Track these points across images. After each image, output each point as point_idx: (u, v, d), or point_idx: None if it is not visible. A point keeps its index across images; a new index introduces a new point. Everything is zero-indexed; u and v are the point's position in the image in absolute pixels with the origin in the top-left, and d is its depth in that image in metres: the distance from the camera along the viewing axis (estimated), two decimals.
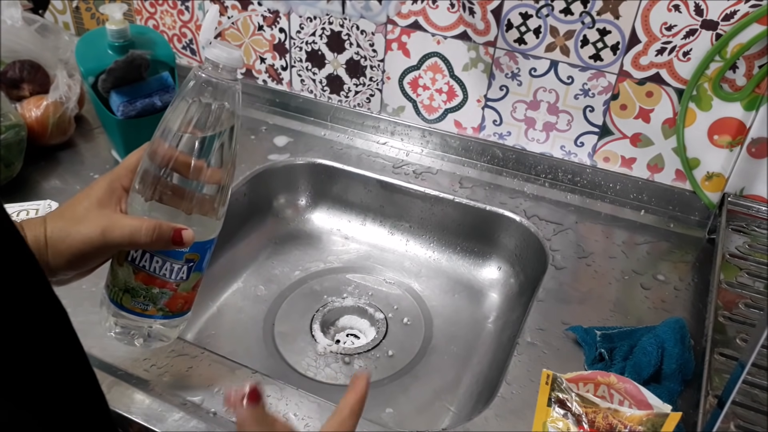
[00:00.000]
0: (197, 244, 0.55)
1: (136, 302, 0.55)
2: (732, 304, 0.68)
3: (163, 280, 0.55)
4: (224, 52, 0.53)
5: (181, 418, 0.58)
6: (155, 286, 0.55)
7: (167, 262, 0.55)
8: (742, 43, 0.75)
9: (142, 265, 0.54)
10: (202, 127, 0.53)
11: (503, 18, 0.85)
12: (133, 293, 0.55)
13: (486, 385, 0.74)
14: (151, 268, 0.54)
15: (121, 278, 0.55)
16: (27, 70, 0.94)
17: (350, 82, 1.01)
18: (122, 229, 0.51)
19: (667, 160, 0.87)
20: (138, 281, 0.55)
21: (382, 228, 0.98)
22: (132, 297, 0.55)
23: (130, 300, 0.55)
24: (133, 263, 0.55)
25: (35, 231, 0.51)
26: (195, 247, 0.55)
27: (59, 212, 0.54)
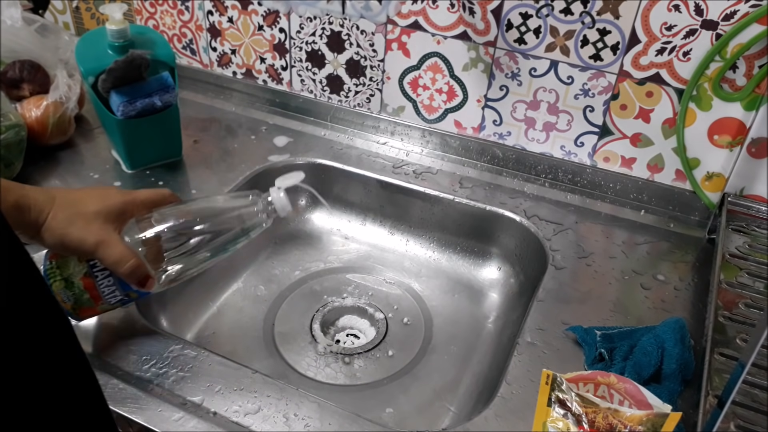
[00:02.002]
0: (144, 294, 0.61)
1: (62, 292, 0.58)
2: (732, 304, 0.68)
3: (99, 296, 0.60)
4: (287, 206, 0.63)
5: (181, 418, 0.58)
6: (90, 295, 0.59)
7: (115, 289, 0.59)
8: (742, 43, 0.75)
9: (96, 275, 0.59)
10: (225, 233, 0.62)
11: (503, 18, 0.85)
12: (68, 285, 0.58)
13: (486, 385, 0.74)
14: (100, 283, 0.59)
15: (71, 269, 0.58)
16: (27, 70, 0.94)
17: (350, 82, 1.01)
18: (114, 251, 0.56)
19: (667, 160, 0.87)
20: (81, 282, 0.58)
21: (382, 228, 0.98)
22: (65, 287, 0.58)
23: (60, 287, 0.58)
24: (90, 267, 0.59)
25: (41, 205, 0.55)
26: (142, 293, 0.61)
27: (69, 200, 0.56)
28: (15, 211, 0.53)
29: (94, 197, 0.57)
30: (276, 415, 0.59)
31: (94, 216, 0.56)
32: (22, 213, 0.54)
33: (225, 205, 0.63)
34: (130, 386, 0.61)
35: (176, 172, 0.93)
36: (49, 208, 0.55)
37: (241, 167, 0.94)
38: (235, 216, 0.62)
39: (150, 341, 0.66)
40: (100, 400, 0.40)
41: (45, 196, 0.56)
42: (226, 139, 1.01)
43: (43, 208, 0.55)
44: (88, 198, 0.57)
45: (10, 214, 0.53)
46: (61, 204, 0.56)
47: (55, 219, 0.55)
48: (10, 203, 0.53)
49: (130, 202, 0.59)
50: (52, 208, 0.55)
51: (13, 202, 0.53)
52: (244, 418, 0.59)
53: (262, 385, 0.62)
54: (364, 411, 0.65)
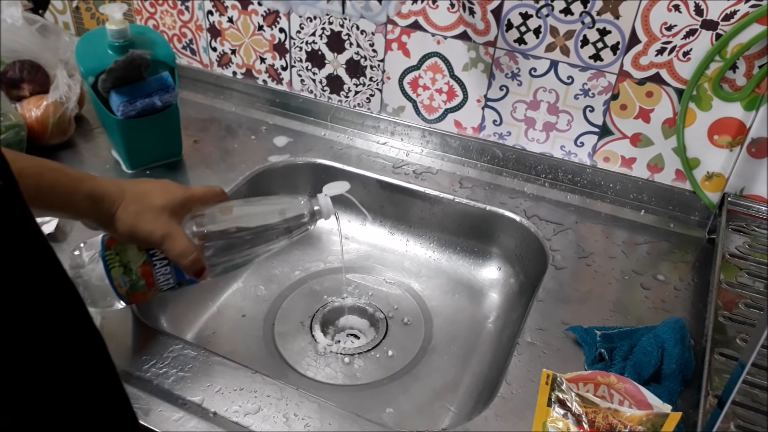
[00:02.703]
0: (194, 282, 0.63)
1: (120, 278, 0.60)
2: (732, 304, 0.68)
3: (154, 283, 0.62)
4: (332, 211, 0.66)
5: (181, 418, 0.58)
6: (146, 282, 0.61)
7: (170, 277, 0.62)
8: (742, 43, 0.75)
9: (154, 263, 0.61)
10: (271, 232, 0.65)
11: (503, 18, 0.85)
12: (126, 272, 0.60)
13: (486, 385, 0.74)
14: (157, 271, 0.61)
15: (130, 256, 0.61)
16: (27, 70, 0.94)
17: (350, 82, 1.01)
18: (178, 243, 0.59)
19: (667, 160, 0.87)
20: (139, 269, 0.61)
21: (382, 228, 0.98)
22: (122, 273, 0.60)
23: (119, 273, 0.60)
24: (149, 256, 0.61)
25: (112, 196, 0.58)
26: (192, 282, 0.63)
27: (137, 193, 0.59)
28: (89, 201, 0.57)
29: (159, 191, 0.61)
30: (276, 415, 0.59)
31: (160, 209, 0.59)
32: (95, 203, 0.57)
33: (273, 206, 0.66)
34: (130, 386, 0.61)
35: (176, 172, 0.93)
36: (120, 199, 0.58)
37: (241, 167, 0.94)
38: (282, 218, 0.65)
39: (150, 341, 0.66)
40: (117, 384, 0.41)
41: (116, 187, 0.59)
42: (226, 139, 1.01)
43: (115, 200, 0.58)
44: (155, 192, 0.60)
45: (84, 203, 0.56)
46: (131, 196, 0.59)
47: (126, 210, 0.58)
48: (84, 193, 0.56)
49: (189, 198, 0.62)
50: (123, 200, 0.58)
51: (87, 192, 0.57)
52: (244, 418, 0.59)
53: (262, 385, 0.62)
54: (364, 411, 0.65)
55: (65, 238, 0.79)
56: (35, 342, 0.34)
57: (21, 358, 0.34)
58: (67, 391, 0.37)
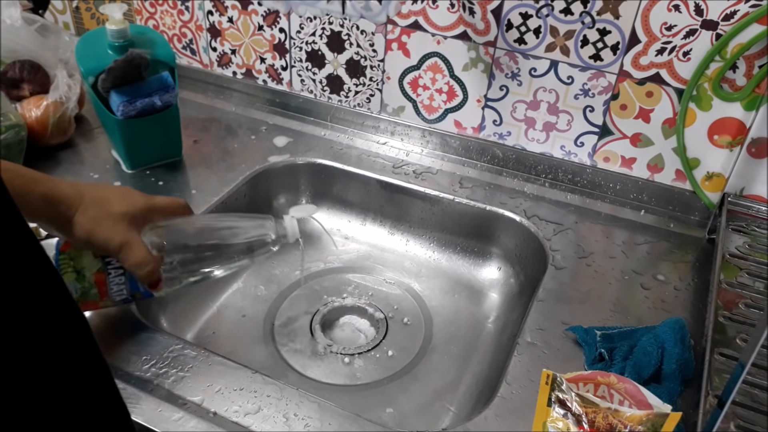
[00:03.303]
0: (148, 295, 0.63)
1: (72, 284, 0.59)
2: (732, 304, 0.68)
3: (107, 292, 0.61)
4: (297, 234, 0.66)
5: (181, 418, 0.58)
6: (98, 290, 0.60)
7: (123, 288, 0.61)
8: (742, 43, 0.75)
9: (109, 272, 0.60)
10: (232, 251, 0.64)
11: (503, 18, 0.85)
12: (79, 278, 0.60)
13: (486, 385, 0.74)
14: (111, 280, 0.60)
15: (84, 263, 0.60)
16: (27, 70, 0.94)
17: (350, 82, 1.01)
18: (135, 253, 0.58)
19: (667, 160, 0.87)
20: (93, 276, 0.60)
21: (382, 228, 0.98)
22: (75, 279, 0.59)
23: (71, 278, 0.59)
24: (104, 263, 0.60)
25: (70, 200, 0.57)
26: (147, 294, 0.63)
27: (96, 199, 0.58)
28: (44, 203, 0.55)
29: (119, 198, 0.59)
30: (276, 415, 0.59)
31: (120, 217, 0.58)
32: (51, 205, 0.56)
33: (236, 224, 0.65)
34: (130, 386, 0.61)
35: (176, 172, 0.93)
36: (78, 203, 0.57)
37: (241, 167, 0.94)
38: (245, 237, 0.64)
39: (150, 341, 0.66)
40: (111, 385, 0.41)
41: (73, 191, 0.57)
42: (226, 139, 1.01)
43: (72, 203, 0.57)
44: (114, 198, 0.59)
45: (39, 205, 0.55)
46: (89, 201, 0.58)
47: (84, 215, 0.57)
48: (39, 194, 0.55)
49: (150, 208, 0.61)
50: (81, 204, 0.57)
51: (42, 193, 0.55)
52: (244, 418, 0.59)
53: (262, 385, 0.62)
54: (364, 411, 0.65)
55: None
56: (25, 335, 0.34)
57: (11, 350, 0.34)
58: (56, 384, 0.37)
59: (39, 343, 0.35)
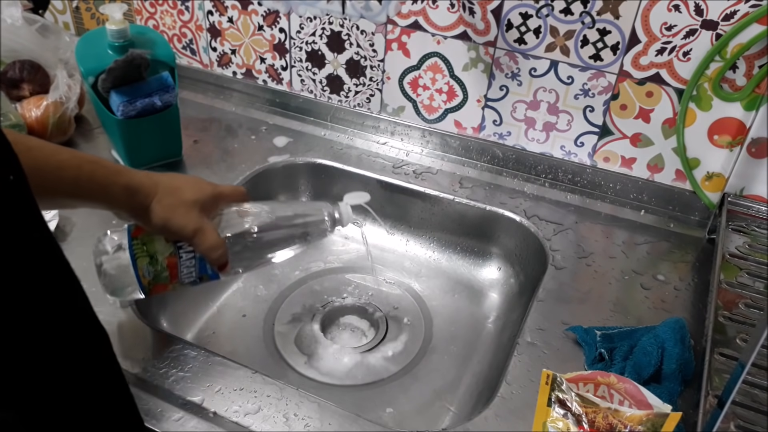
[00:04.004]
0: (217, 277, 0.64)
1: (145, 267, 0.61)
2: (732, 304, 0.68)
3: (177, 275, 0.63)
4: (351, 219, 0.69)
5: (181, 418, 0.58)
6: (169, 273, 0.62)
7: (193, 270, 0.63)
8: (742, 43, 0.75)
9: (181, 255, 0.62)
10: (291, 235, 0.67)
11: (503, 18, 0.85)
12: (152, 262, 0.61)
13: (486, 385, 0.74)
14: (183, 263, 0.62)
15: (157, 247, 0.62)
16: (27, 70, 0.94)
17: (350, 82, 1.01)
18: (208, 237, 0.61)
19: (667, 160, 0.87)
20: (165, 260, 0.62)
21: (382, 228, 0.98)
22: (148, 263, 0.61)
23: (144, 263, 0.61)
24: (176, 248, 0.62)
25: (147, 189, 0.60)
26: (214, 277, 0.64)
27: (171, 188, 0.61)
28: (125, 193, 0.58)
29: (190, 186, 0.62)
30: (276, 415, 0.59)
31: (192, 204, 0.61)
32: (131, 195, 0.59)
33: (295, 210, 0.68)
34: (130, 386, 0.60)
35: (176, 171, 0.93)
36: (154, 192, 0.60)
37: (241, 167, 0.94)
38: (303, 221, 0.67)
39: (150, 341, 0.66)
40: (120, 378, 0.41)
41: (149, 180, 0.60)
42: (226, 139, 1.01)
43: (149, 192, 0.60)
44: (187, 187, 0.62)
45: (121, 195, 0.58)
46: (164, 190, 0.60)
47: (160, 203, 0.60)
48: (121, 185, 0.58)
49: (218, 195, 0.64)
50: (157, 193, 0.60)
51: (123, 184, 0.58)
52: (244, 418, 0.59)
53: (262, 385, 0.62)
54: (364, 411, 0.65)
55: (65, 238, 0.79)
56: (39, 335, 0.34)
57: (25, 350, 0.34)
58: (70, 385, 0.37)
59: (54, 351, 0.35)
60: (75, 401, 0.38)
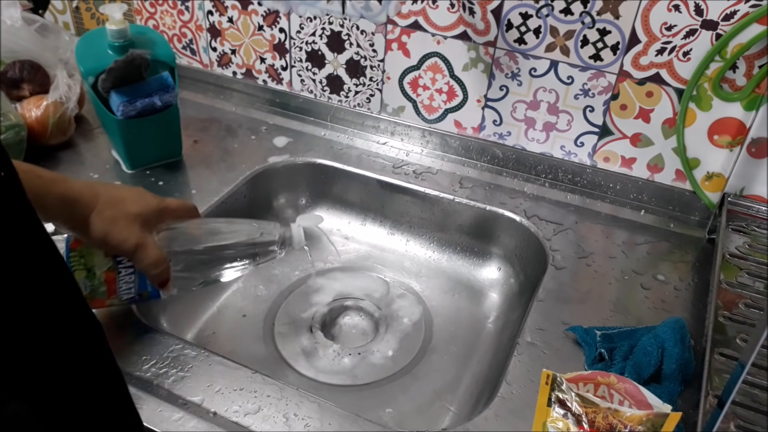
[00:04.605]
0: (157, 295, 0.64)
1: (82, 281, 0.60)
2: (732, 304, 0.68)
3: (115, 291, 0.62)
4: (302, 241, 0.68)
5: (181, 418, 0.58)
6: (107, 288, 0.61)
7: (132, 286, 0.62)
8: (742, 43, 0.75)
9: (119, 270, 0.61)
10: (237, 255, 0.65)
11: (503, 18, 0.85)
12: (89, 276, 0.60)
13: (486, 385, 0.74)
14: (121, 279, 0.61)
15: (95, 261, 0.60)
16: (27, 70, 0.94)
17: (350, 82, 1.01)
18: (149, 254, 0.59)
19: (667, 160, 0.87)
20: (103, 275, 0.60)
21: (382, 228, 0.98)
22: (85, 277, 0.60)
23: (81, 275, 0.60)
24: (116, 263, 0.61)
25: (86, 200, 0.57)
26: (154, 294, 0.63)
27: (112, 199, 0.59)
28: (61, 204, 0.56)
29: (133, 199, 0.60)
30: (276, 415, 0.59)
31: (134, 217, 0.59)
32: (68, 206, 0.56)
33: (244, 229, 0.66)
34: (130, 386, 0.60)
35: (176, 172, 0.93)
36: (93, 204, 0.58)
37: (241, 167, 0.94)
38: (251, 242, 0.65)
39: (150, 341, 0.66)
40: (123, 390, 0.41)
41: (89, 191, 0.58)
42: (226, 139, 1.01)
43: (88, 204, 0.57)
44: (129, 199, 0.60)
45: (56, 206, 0.55)
46: (105, 201, 0.58)
47: (100, 215, 0.57)
48: (56, 195, 0.55)
49: (163, 209, 0.62)
50: (97, 204, 0.58)
51: (59, 194, 0.56)
52: (244, 418, 0.59)
53: (262, 385, 0.62)
54: (364, 411, 0.65)
55: None
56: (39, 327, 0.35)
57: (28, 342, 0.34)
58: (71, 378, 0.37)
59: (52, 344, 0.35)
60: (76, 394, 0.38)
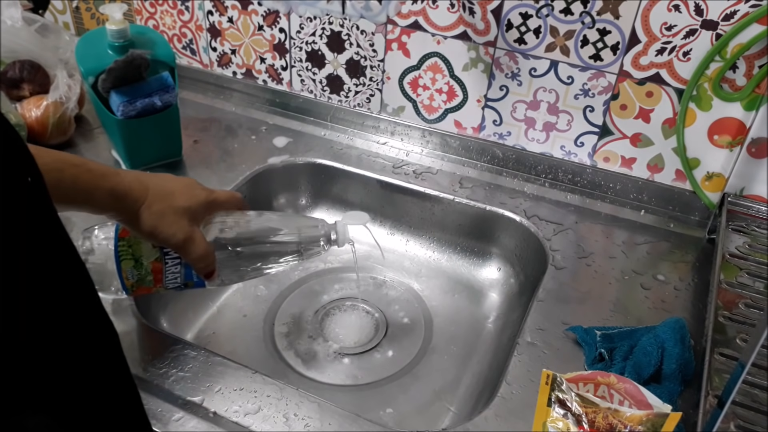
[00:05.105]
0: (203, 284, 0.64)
1: (129, 270, 0.61)
2: (732, 304, 0.68)
3: (161, 279, 0.62)
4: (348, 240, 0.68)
5: (181, 418, 0.58)
6: (154, 278, 0.61)
7: (178, 276, 0.62)
8: (742, 43, 0.75)
9: (166, 261, 0.61)
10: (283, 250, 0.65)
11: (503, 18, 0.85)
12: (137, 265, 0.61)
13: (486, 385, 0.74)
14: (168, 270, 0.62)
15: (143, 251, 0.61)
16: (27, 70, 0.94)
17: (350, 82, 1.01)
18: (197, 247, 0.59)
19: (667, 160, 0.87)
20: (150, 265, 0.61)
21: (382, 228, 0.98)
22: (132, 267, 0.61)
23: (129, 265, 0.60)
24: (163, 254, 0.61)
25: (136, 194, 0.57)
26: (199, 284, 0.63)
27: (161, 193, 0.59)
28: (111, 198, 0.56)
29: (183, 192, 0.60)
30: (276, 415, 0.59)
31: (183, 211, 0.59)
32: (118, 200, 0.56)
33: (291, 224, 0.66)
34: None
35: (176, 172, 0.93)
36: (143, 197, 0.58)
37: (241, 167, 0.94)
38: (297, 236, 0.65)
39: (150, 341, 0.66)
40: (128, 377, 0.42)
41: (139, 184, 0.58)
42: (226, 139, 1.01)
43: (138, 197, 0.57)
44: (179, 192, 0.60)
45: (106, 200, 0.55)
46: (154, 195, 0.58)
47: (149, 209, 0.58)
48: (106, 189, 0.55)
49: (212, 202, 0.63)
50: (147, 198, 0.58)
51: (109, 188, 0.56)
52: (244, 418, 0.59)
53: (262, 385, 0.62)
54: (364, 411, 0.65)
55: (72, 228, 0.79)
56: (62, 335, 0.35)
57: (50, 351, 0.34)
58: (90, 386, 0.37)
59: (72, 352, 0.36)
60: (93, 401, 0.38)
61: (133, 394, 0.42)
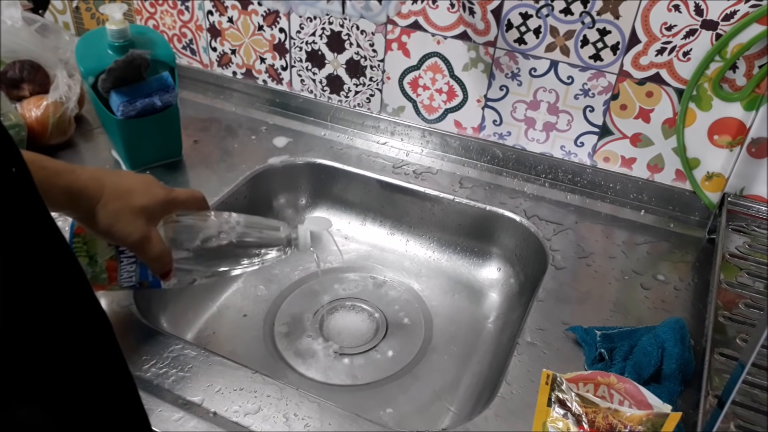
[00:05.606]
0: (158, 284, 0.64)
1: (84, 268, 0.60)
2: (732, 304, 0.68)
3: (116, 278, 0.62)
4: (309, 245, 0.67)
5: (181, 418, 0.58)
6: (108, 276, 0.62)
7: (133, 275, 0.62)
8: (742, 43, 0.75)
9: (121, 260, 0.61)
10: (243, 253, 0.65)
11: (503, 18, 0.85)
12: (91, 263, 0.61)
13: (486, 385, 0.74)
14: (122, 268, 0.61)
15: (98, 248, 0.61)
16: (27, 70, 0.94)
17: (350, 82, 1.01)
18: (153, 247, 0.59)
19: (667, 160, 0.87)
20: (105, 263, 0.61)
21: (382, 228, 0.98)
22: (87, 264, 0.61)
23: (84, 263, 0.61)
24: (118, 252, 0.61)
25: (91, 192, 0.56)
26: (155, 283, 0.63)
27: (118, 191, 0.58)
28: (65, 196, 0.55)
29: (141, 190, 0.59)
30: (276, 415, 0.59)
31: (140, 210, 0.58)
32: (72, 197, 0.55)
33: (251, 225, 0.65)
34: None
35: (176, 172, 0.93)
36: (99, 195, 0.57)
37: (241, 167, 0.94)
38: (257, 239, 0.65)
39: (150, 341, 0.66)
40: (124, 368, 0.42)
41: (95, 182, 0.57)
42: (226, 139, 1.01)
43: (94, 195, 0.57)
44: (136, 190, 0.59)
45: (61, 198, 0.55)
46: (110, 193, 0.57)
47: (105, 208, 0.57)
48: (61, 187, 0.54)
49: (171, 201, 0.62)
50: (102, 196, 0.57)
51: (64, 186, 0.55)
52: (244, 418, 0.59)
53: (262, 385, 0.62)
54: (364, 411, 0.65)
55: None
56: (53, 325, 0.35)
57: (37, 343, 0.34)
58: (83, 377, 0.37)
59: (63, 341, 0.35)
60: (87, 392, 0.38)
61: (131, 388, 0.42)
